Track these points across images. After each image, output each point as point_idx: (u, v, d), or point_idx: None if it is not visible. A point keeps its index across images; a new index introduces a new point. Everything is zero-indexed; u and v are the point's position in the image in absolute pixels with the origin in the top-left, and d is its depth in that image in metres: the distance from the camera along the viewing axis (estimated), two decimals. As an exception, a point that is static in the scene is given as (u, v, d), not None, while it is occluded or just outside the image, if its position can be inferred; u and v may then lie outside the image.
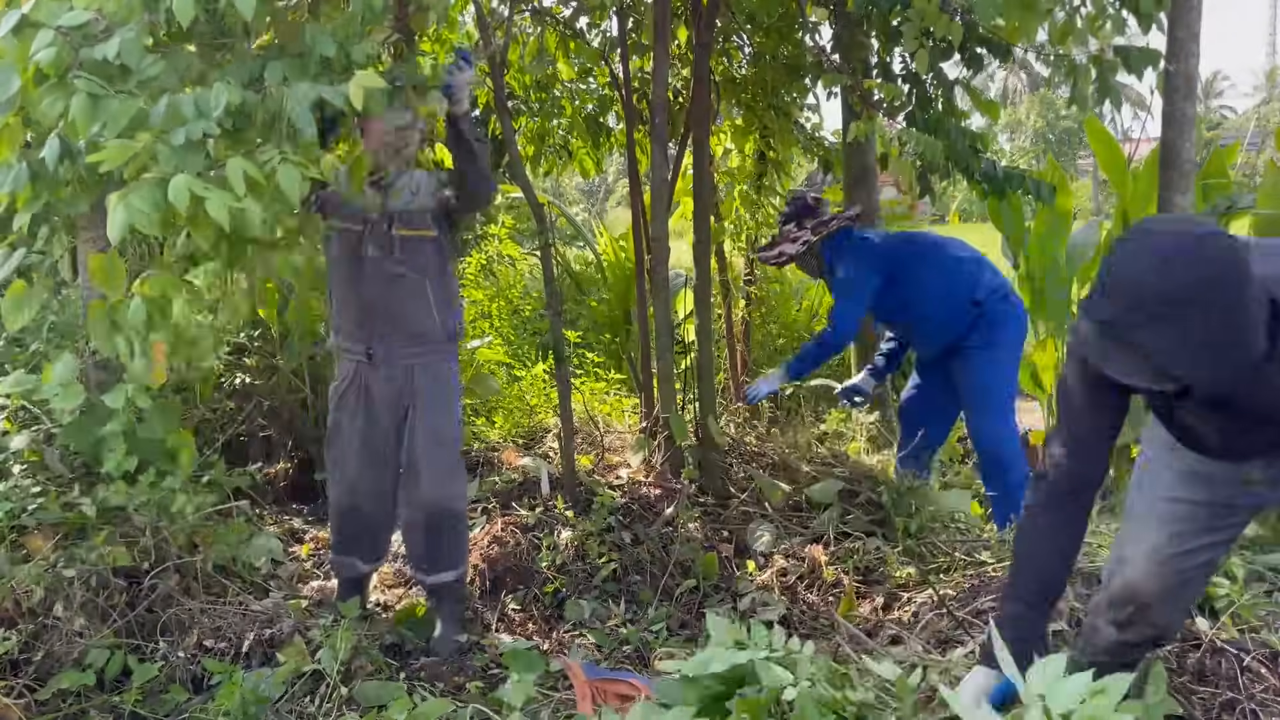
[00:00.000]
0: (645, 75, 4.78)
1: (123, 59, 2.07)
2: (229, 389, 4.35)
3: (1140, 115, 29.71)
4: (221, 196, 1.97)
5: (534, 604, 3.36)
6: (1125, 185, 4.66)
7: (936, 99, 3.93)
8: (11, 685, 2.42)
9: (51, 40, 2.06)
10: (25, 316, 2.73)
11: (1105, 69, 3.32)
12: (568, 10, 4.97)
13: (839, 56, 4.03)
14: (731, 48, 4.97)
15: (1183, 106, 3.72)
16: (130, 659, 2.60)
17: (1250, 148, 8.86)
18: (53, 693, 2.46)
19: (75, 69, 2.06)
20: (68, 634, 2.58)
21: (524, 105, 5.11)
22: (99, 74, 2.06)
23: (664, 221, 4.06)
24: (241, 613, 2.85)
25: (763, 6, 4.48)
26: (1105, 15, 3.10)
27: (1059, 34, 3.21)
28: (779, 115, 5.03)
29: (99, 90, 2.03)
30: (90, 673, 2.51)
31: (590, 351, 6.69)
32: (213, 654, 2.69)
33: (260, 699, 2.43)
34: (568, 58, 4.97)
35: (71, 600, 2.60)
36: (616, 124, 5.28)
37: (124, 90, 2.07)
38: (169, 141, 2.03)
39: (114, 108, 2.03)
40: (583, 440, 4.58)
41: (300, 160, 2.08)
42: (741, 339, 6.00)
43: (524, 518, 3.70)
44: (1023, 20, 2.97)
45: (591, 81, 5.21)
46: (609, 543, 3.57)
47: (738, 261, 6.08)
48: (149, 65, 2.10)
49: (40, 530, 2.82)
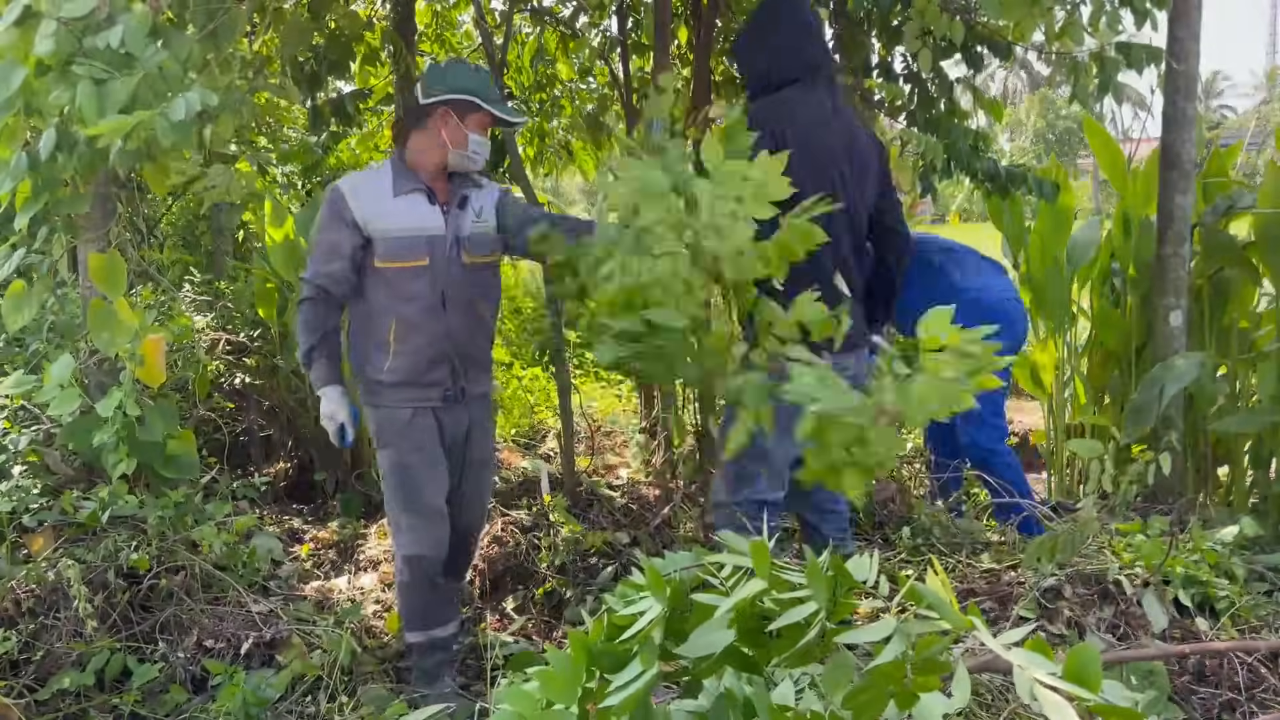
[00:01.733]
0: (645, 75, 4.78)
1: (127, 46, 2.07)
2: (229, 389, 4.35)
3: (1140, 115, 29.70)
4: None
5: (533, 604, 3.37)
6: (1125, 185, 4.65)
7: (938, 99, 3.93)
8: (11, 685, 2.42)
9: (54, 30, 2.06)
10: (25, 316, 2.73)
11: (1108, 65, 3.32)
12: (567, 10, 4.97)
13: (839, 56, 4.02)
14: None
15: (1183, 106, 3.72)
16: (130, 659, 2.61)
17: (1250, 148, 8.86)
18: (53, 693, 2.46)
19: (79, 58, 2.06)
20: (68, 634, 2.59)
21: (524, 105, 5.11)
22: (102, 62, 2.06)
23: (664, 221, 4.06)
24: (241, 614, 2.85)
25: (763, 6, 4.47)
26: (1103, 12, 3.10)
27: (1058, 32, 3.21)
28: (779, 115, 5.02)
29: (102, 75, 2.03)
30: (90, 673, 2.51)
31: (590, 351, 6.69)
32: (212, 655, 2.69)
33: (261, 700, 2.43)
34: (568, 58, 4.97)
35: (71, 600, 2.60)
36: (616, 124, 5.28)
37: (129, 75, 2.07)
38: (168, 115, 2.02)
39: (115, 88, 2.02)
40: (582, 441, 4.58)
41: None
42: (742, 339, 6.00)
43: (523, 518, 3.71)
44: (1023, 19, 2.97)
45: (591, 81, 5.21)
46: (608, 543, 3.57)
47: (738, 261, 6.08)
48: (153, 54, 2.10)
49: (40, 530, 2.82)
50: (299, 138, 5.32)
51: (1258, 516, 3.84)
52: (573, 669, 1.03)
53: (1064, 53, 3.36)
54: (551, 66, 5.02)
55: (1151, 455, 2.44)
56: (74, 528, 2.86)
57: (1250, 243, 4.14)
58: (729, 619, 1.02)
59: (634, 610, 1.05)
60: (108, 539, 2.79)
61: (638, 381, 4.62)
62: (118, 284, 2.80)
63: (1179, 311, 3.86)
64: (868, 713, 1.02)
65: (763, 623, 1.07)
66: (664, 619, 1.04)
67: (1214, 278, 4.22)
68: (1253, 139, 12.52)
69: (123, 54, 2.09)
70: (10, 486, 2.83)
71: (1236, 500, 4.21)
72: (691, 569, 1.12)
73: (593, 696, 1.03)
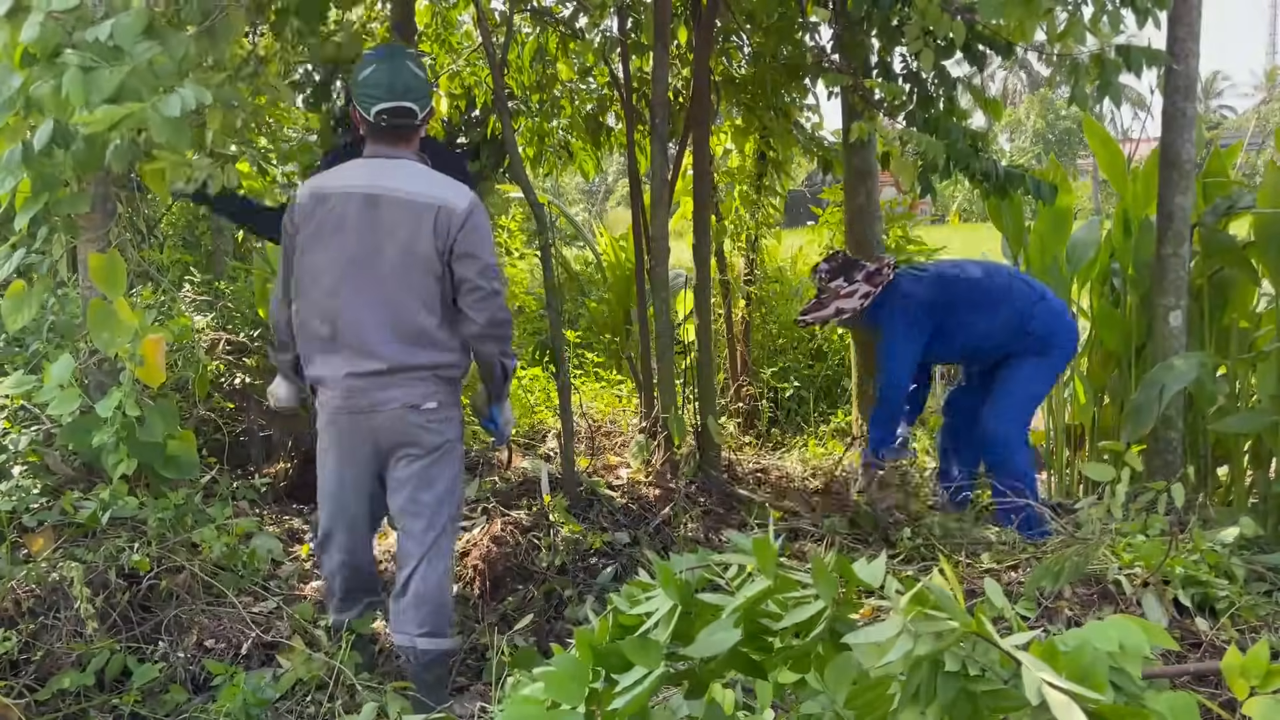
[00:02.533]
0: (645, 75, 4.78)
1: (116, 41, 2.06)
2: (229, 389, 4.35)
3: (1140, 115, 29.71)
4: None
5: (533, 605, 3.36)
6: (1125, 185, 4.66)
7: (938, 98, 3.93)
8: (11, 685, 2.42)
9: (42, 22, 2.06)
10: (25, 317, 2.73)
11: (1107, 67, 3.32)
12: (567, 10, 4.97)
13: (839, 56, 4.02)
14: (731, 48, 4.98)
15: (1183, 106, 3.72)
16: (130, 659, 2.60)
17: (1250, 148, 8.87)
18: (53, 693, 2.46)
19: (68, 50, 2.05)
20: (68, 634, 2.58)
21: (524, 105, 5.11)
22: (92, 55, 2.06)
23: (664, 221, 4.06)
24: (241, 614, 2.85)
25: (763, 6, 4.48)
26: (1104, 12, 3.10)
27: (1060, 33, 3.21)
28: (779, 115, 5.03)
29: (91, 64, 2.02)
30: (90, 673, 2.51)
31: (590, 352, 6.69)
32: (212, 655, 2.69)
33: (261, 701, 2.43)
34: (567, 58, 4.97)
35: (71, 600, 2.59)
36: (616, 124, 5.28)
37: (118, 65, 2.06)
38: (160, 110, 2.02)
39: (103, 77, 2.01)
40: (582, 441, 4.58)
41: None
42: (741, 339, 6.00)
43: (523, 518, 3.70)
44: (1023, 19, 2.97)
45: (591, 81, 5.21)
46: (608, 543, 3.57)
47: (738, 261, 6.08)
48: (144, 49, 2.09)
49: (40, 530, 2.82)
50: (299, 137, 5.31)
51: (1257, 516, 3.84)
52: (580, 669, 1.02)
53: (1064, 54, 3.36)
54: (551, 66, 5.02)
55: (1164, 485, 2.45)
56: (74, 528, 2.86)
57: (1250, 243, 4.15)
58: (736, 618, 1.02)
59: (642, 610, 1.05)
60: (108, 540, 2.78)
61: (637, 382, 4.63)
62: (118, 284, 2.79)
63: (1179, 311, 3.86)
64: (871, 713, 1.01)
65: (768, 626, 1.07)
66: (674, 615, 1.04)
67: (1214, 278, 4.22)
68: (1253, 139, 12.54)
69: (111, 47, 2.08)
70: (10, 486, 2.83)
71: (1236, 500, 4.21)
72: (697, 569, 1.12)
73: (599, 697, 1.03)
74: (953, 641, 0.91)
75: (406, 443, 2.63)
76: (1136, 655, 0.98)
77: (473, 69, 5.01)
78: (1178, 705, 0.98)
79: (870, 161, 4.81)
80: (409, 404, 2.60)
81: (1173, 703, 0.98)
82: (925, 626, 0.90)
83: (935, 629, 0.90)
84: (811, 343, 6.34)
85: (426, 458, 2.65)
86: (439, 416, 2.65)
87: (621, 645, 1.03)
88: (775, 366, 6.11)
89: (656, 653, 1.01)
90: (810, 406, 5.98)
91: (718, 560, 1.14)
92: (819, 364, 6.20)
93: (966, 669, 0.93)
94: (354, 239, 2.56)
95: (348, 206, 2.57)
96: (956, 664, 0.92)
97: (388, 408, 2.59)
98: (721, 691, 1.21)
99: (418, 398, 2.61)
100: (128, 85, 2.03)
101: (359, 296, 2.57)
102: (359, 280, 2.57)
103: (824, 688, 1.07)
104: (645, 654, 1.01)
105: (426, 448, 2.64)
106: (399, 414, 2.59)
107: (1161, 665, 2.05)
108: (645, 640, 1.03)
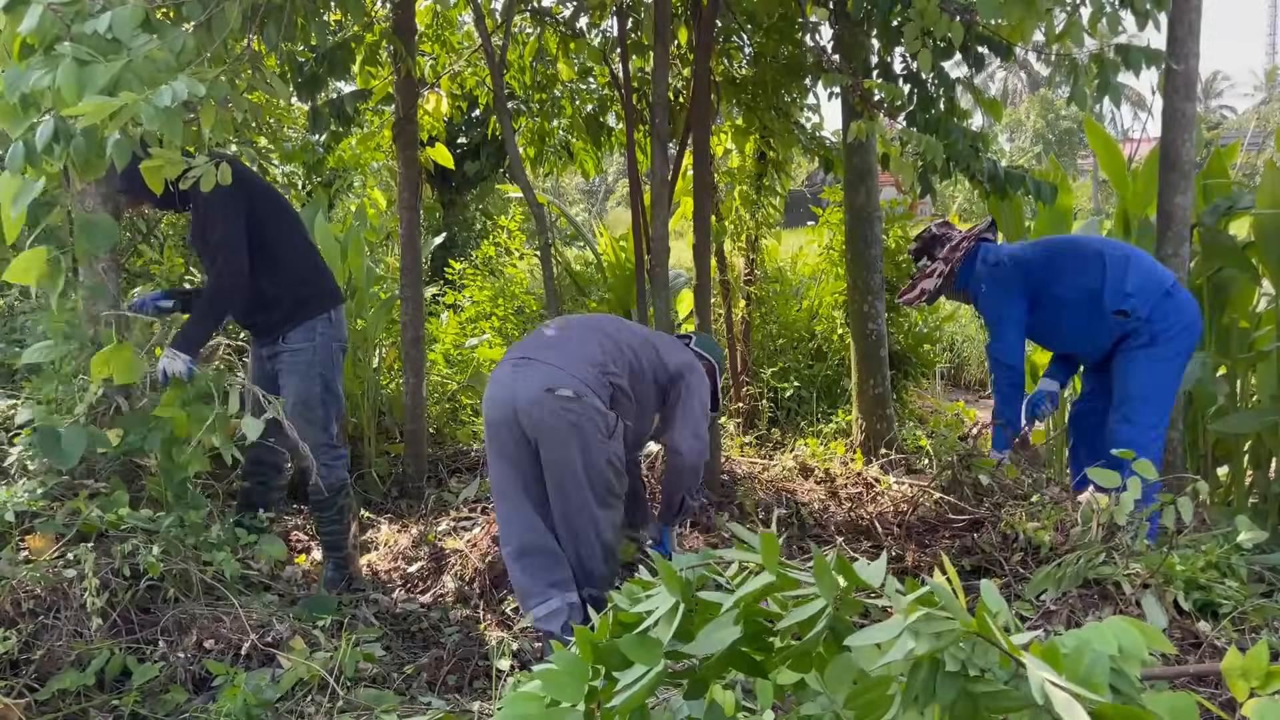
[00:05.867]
0: (645, 75, 4.78)
1: (114, 33, 2.06)
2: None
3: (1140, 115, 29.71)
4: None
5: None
6: (1125, 185, 4.66)
7: (938, 99, 3.93)
8: (11, 685, 2.42)
9: (40, 13, 2.05)
10: (35, 279, 2.70)
11: (1107, 67, 3.32)
12: (568, 10, 4.97)
13: (839, 56, 4.02)
14: (731, 48, 4.98)
15: (1183, 106, 3.72)
16: (130, 659, 2.60)
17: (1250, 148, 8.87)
18: (53, 693, 2.45)
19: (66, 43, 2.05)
20: (68, 634, 2.58)
21: (524, 105, 5.12)
22: (90, 48, 2.06)
23: (664, 221, 4.07)
24: (241, 614, 2.84)
25: (763, 6, 4.48)
26: (1103, 13, 3.10)
27: (1058, 34, 3.21)
28: (779, 115, 5.03)
29: (86, 57, 2.02)
30: (90, 673, 2.50)
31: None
32: (212, 655, 2.69)
33: (262, 701, 2.42)
34: (568, 58, 4.98)
35: (72, 600, 2.59)
36: (616, 124, 5.28)
37: (114, 59, 2.06)
38: (152, 100, 2.01)
39: (97, 70, 2.01)
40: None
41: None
42: (741, 339, 6.00)
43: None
44: (1022, 19, 2.97)
45: (591, 81, 5.22)
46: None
47: (738, 261, 6.08)
48: (142, 43, 2.09)
49: (40, 531, 2.82)
50: (299, 137, 5.31)
51: (1257, 516, 3.84)
52: (579, 667, 1.02)
53: (1063, 54, 3.36)
54: (551, 67, 5.02)
55: (1171, 498, 2.44)
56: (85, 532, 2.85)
57: (1250, 243, 4.15)
58: (736, 615, 1.02)
59: (642, 608, 1.04)
60: (110, 543, 2.78)
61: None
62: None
63: (1179, 312, 3.86)
64: (871, 714, 1.01)
65: (768, 626, 1.07)
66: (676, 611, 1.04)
67: (1214, 278, 4.22)
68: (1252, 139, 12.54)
69: (110, 40, 2.08)
70: (13, 488, 2.83)
71: (1236, 500, 4.21)
72: (698, 568, 1.12)
73: (599, 695, 1.03)
74: (953, 641, 0.91)
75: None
76: (1135, 658, 0.98)
77: (473, 69, 5.02)
78: (1177, 706, 0.97)
79: (870, 161, 4.82)
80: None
81: (1172, 704, 0.98)
82: (926, 626, 0.90)
83: (936, 629, 0.90)
84: (811, 343, 6.33)
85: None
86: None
87: (621, 643, 1.03)
88: (775, 366, 6.11)
89: (656, 650, 1.01)
90: (811, 406, 5.98)
91: (719, 559, 1.14)
92: (819, 364, 6.20)
93: (967, 669, 0.93)
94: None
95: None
96: (957, 664, 0.92)
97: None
98: (721, 692, 1.21)
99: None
100: (123, 79, 2.03)
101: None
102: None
103: (824, 688, 1.07)
104: (645, 652, 1.01)
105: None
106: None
107: (1161, 666, 2.05)
108: (645, 638, 1.03)
